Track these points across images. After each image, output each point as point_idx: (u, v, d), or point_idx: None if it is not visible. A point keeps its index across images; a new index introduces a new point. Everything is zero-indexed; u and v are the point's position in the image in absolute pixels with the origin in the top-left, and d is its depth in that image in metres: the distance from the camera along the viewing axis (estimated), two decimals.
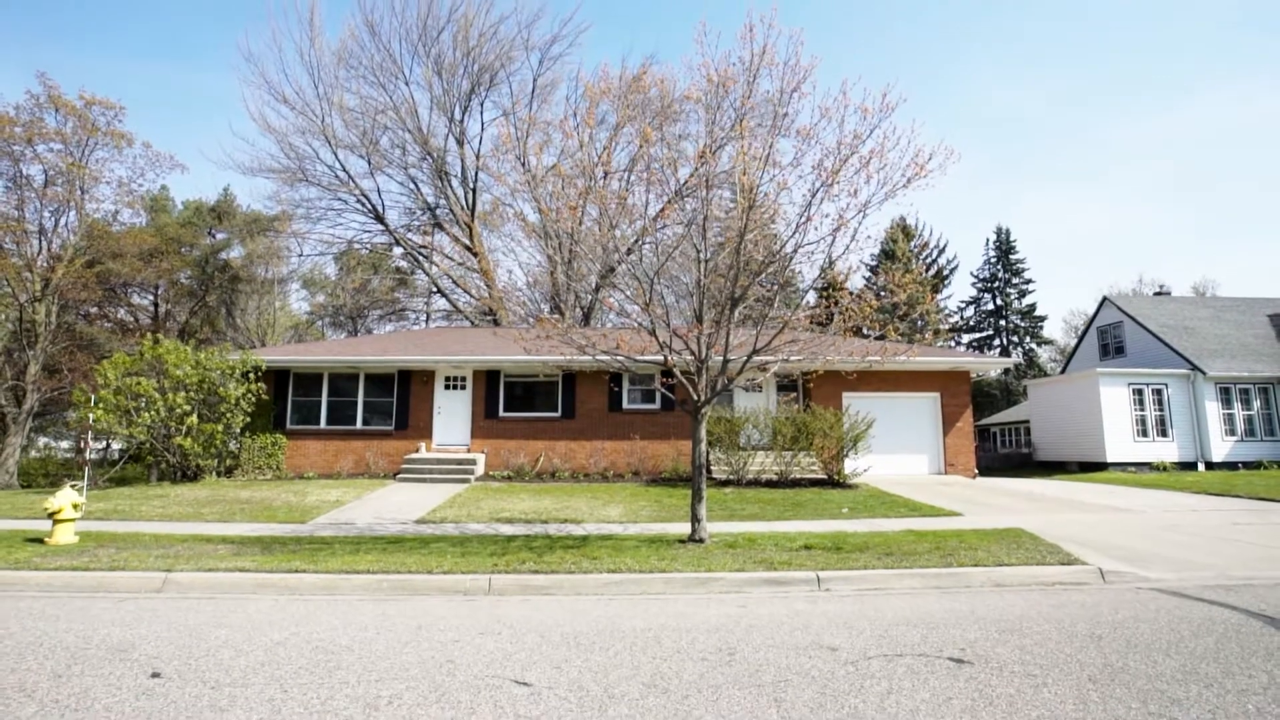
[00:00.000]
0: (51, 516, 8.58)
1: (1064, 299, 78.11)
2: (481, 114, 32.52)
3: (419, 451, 17.40)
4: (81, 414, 15.55)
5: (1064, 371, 31.48)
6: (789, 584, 6.58)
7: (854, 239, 8.19)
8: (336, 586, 6.56)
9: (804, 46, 8.27)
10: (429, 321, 37.94)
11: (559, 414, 17.83)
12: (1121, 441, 21.27)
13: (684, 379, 8.85)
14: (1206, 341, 23.76)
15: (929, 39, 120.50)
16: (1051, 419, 24.65)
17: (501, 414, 17.88)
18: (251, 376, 16.50)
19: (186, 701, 3.56)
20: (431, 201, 33.81)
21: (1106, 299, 28.30)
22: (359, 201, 32.53)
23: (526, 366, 17.39)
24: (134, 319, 34.58)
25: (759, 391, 17.68)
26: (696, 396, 8.78)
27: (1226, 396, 21.94)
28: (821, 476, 15.19)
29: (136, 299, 35.44)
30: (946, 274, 45.98)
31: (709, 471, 14.95)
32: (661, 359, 8.89)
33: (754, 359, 8.76)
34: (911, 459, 18.09)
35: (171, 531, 9.61)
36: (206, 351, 16.61)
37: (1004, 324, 48.03)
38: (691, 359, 8.87)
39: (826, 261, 8.70)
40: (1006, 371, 43.29)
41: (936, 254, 46.13)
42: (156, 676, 3.94)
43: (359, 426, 17.84)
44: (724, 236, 9.80)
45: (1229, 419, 21.82)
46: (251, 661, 4.23)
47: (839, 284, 8.72)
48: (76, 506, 8.82)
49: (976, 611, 5.49)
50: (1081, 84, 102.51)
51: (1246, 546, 8.48)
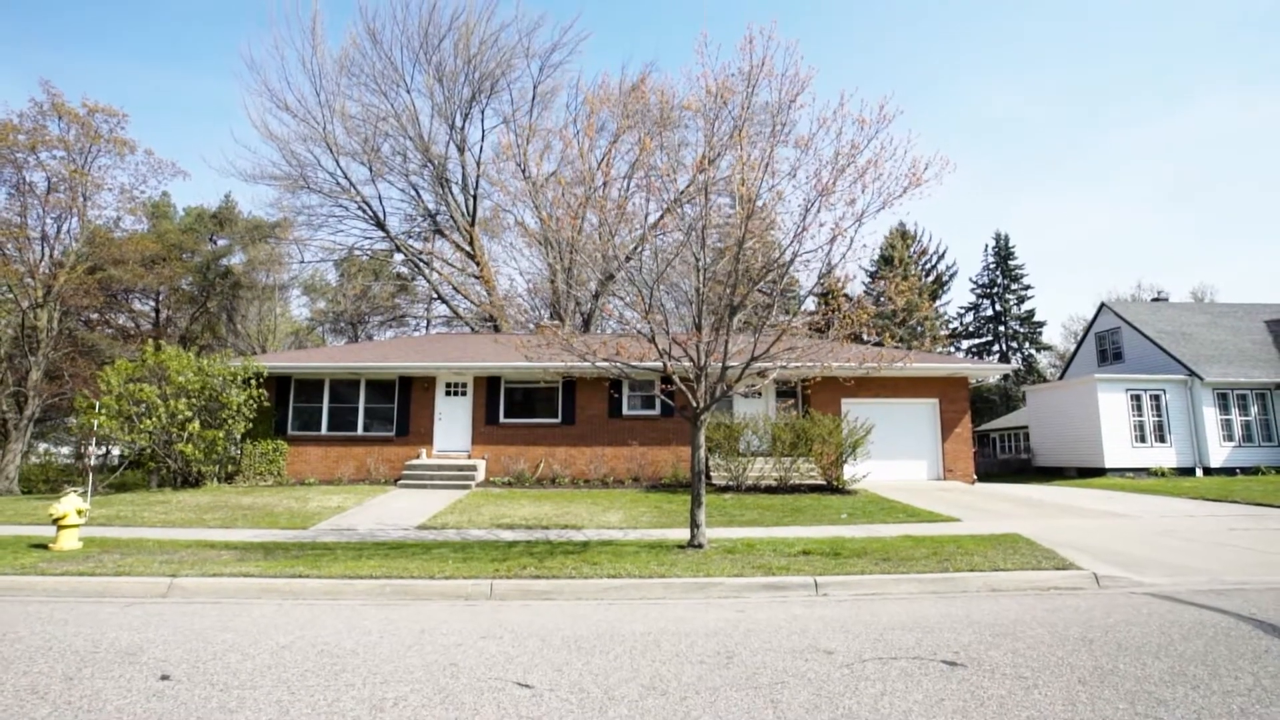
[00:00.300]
0: (56, 522, 8.65)
1: (1063, 305, 78.42)
2: (482, 121, 32.78)
3: (420, 458, 17.47)
4: (84, 420, 15.65)
5: (1062, 377, 31.56)
6: (787, 589, 6.66)
7: (851, 247, 8.32)
8: (340, 591, 6.64)
9: (803, 55, 8.44)
10: (429, 328, 38.05)
11: (559, 420, 17.91)
12: (1120, 447, 21.34)
13: (683, 386, 8.92)
14: (1204, 347, 23.85)
15: (928, 43, 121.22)
16: (1050, 425, 24.72)
17: (502, 420, 17.96)
18: (253, 383, 16.57)
19: (196, 703, 3.64)
20: (432, 208, 33.98)
21: (1104, 305, 28.39)
22: (360, 208, 32.70)
23: (527, 373, 17.48)
24: (135, 325, 34.67)
25: (758, 398, 17.76)
26: (696, 403, 8.86)
27: (1224, 402, 22.02)
28: (821, 482, 15.26)
29: (138, 305, 35.56)
30: (946, 280, 46.13)
31: (708, 477, 15.02)
32: (661, 366, 8.97)
33: (753, 366, 8.84)
34: (910, 465, 18.17)
35: (174, 537, 9.68)
36: (209, 358, 16.71)
37: (1003, 330, 48.13)
38: (690, 366, 8.95)
39: (825, 268, 8.81)
40: (1006, 377, 43.32)
41: (936, 260, 46.30)
42: (166, 679, 4.02)
43: (360, 433, 17.92)
44: (723, 243, 9.91)
45: (1227, 425, 21.89)
46: (258, 664, 4.32)
47: (838, 290, 8.83)
48: (81, 512, 8.89)
49: (971, 616, 5.57)
50: (1081, 88, 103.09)
51: (1241, 551, 8.56)
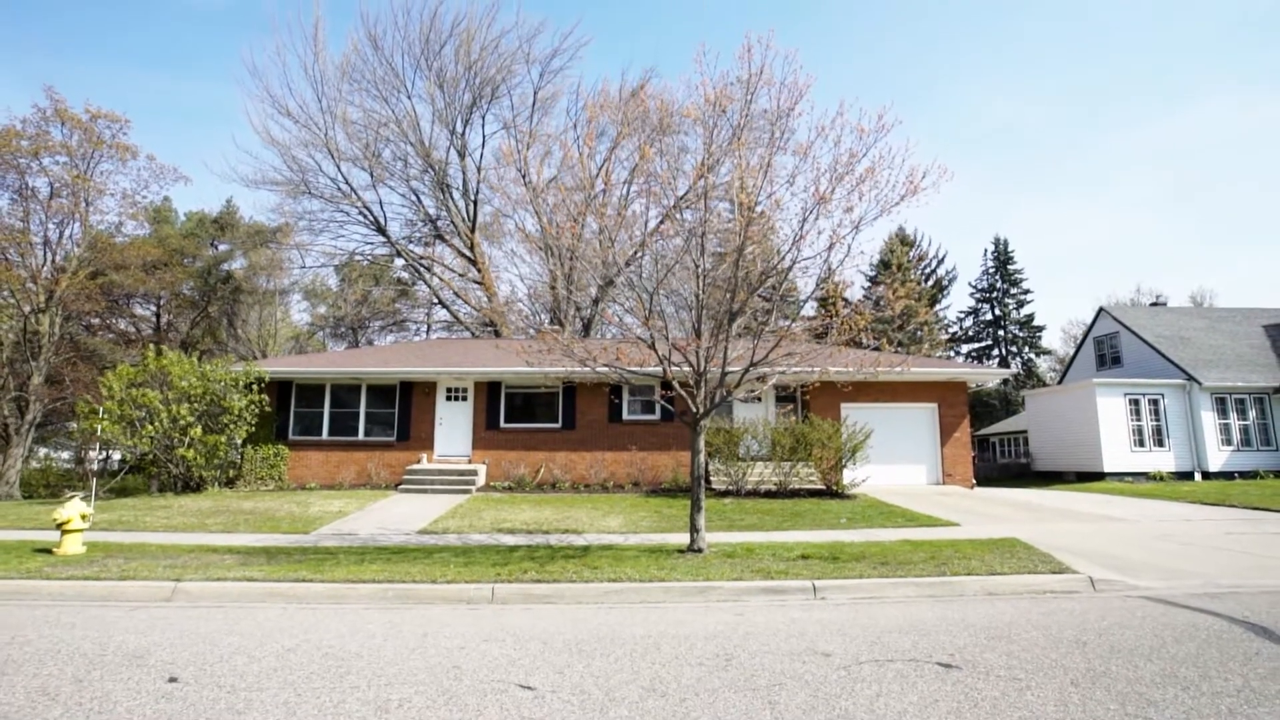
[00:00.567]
0: (60, 527, 8.71)
1: (1063, 308, 78.48)
2: (483, 127, 32.94)
3: (420, 462, 17.53)
4: (85, 425, 15.72)
5: (1061, 382, 31.65)
6: (786, 593, 6.72)
7: (849, 253, 8.41)
8: (343, 595, 6.70)
9: (802, 62, 8.56)
10: (430, 333, 38.14)
11: (559, 425, 17.97)
12: (1118, 451, 21.40)
13: (683, 391, 8.99)
14: (1202, 352, 23.94)
15: (929, 44, 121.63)
16: (1049, 429, 24.79)
17: (502, 425, 18.03)
18: (255, 388, 16.65)
19: (205, 704, 3.71)
20: (433, 213, 34.12)
21: (1103, 309, 28.49)
22: (361, 213, 32.82)
23: (527, 378, 17.55)
24: (136, 330, 34.77)
25: (758, 402, 17.84)
26: (695, 408, 8.93)
27: (1222, 406, 22.09)
28: (820, 487, 15.32)
29: (139, 310, 35.67)
30: (945, 284, 46.23)
31: (708, 482, 15.08)
32: (661, 371, 9.04)
33: (752, 371, 8.91)
34: (910, 469, 18.22)
35: (177, 542, 9.74)
36: (211, 363, 16.80)
37: (1002, 334, 48.24)
38: (690, 371, 9.03)
39: (825, 272, 8.89)
40: (1005, 382, 43.39)
41: (935, 264, 46.42)
42: (174, 681, 4.09)
43: (361, 437, 17.98)
44: (723, 249, 9.99)
45: (1225, 429, 21.96)
46: (264, 667, 4.38)
47: (837, 295, 8.91)
48: (85, 517, 8.96)
49: (967, 619, 5.64)
50: (1080, 91, 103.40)
51: (1237, 555, 8.62)
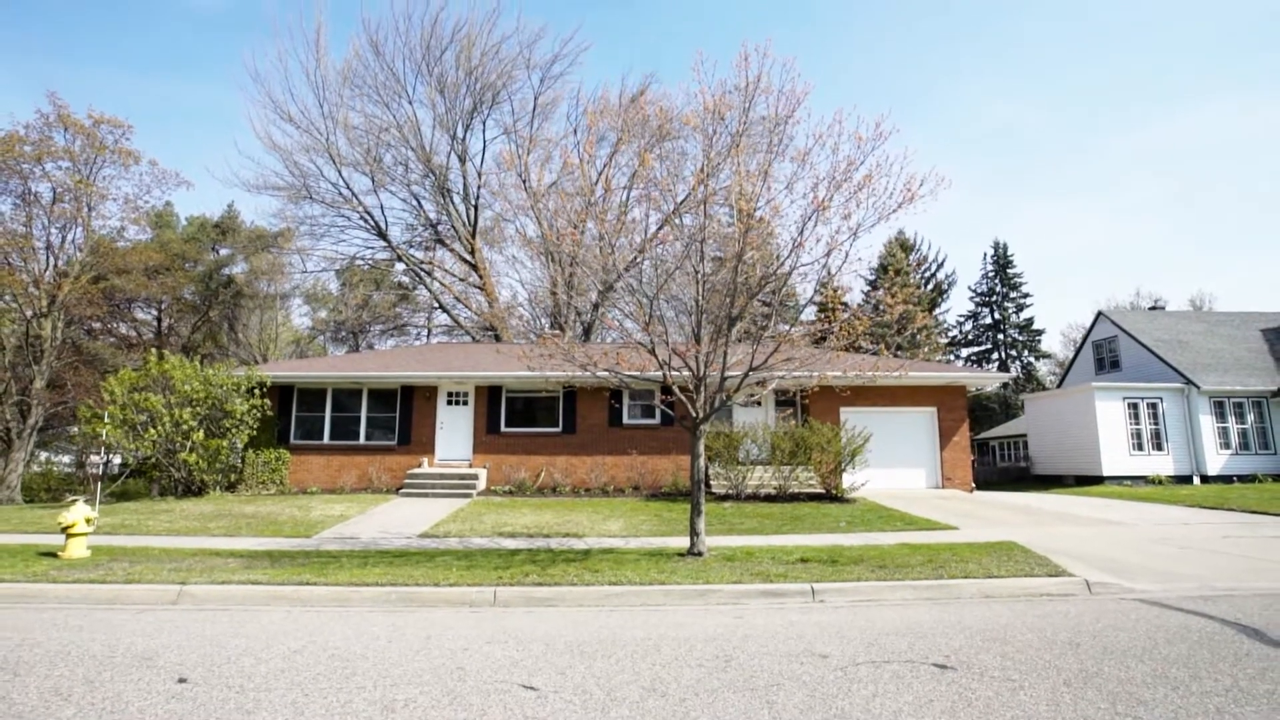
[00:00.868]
0: (65, 531, 8.79)
1: (1062, 312, 78.60)
2: (484, 131, 33.12)
3: (421, 466, 17.61)
4: (87, 429, 15.77)
5: (1061, 386, 31.72)
6: (784, 595, 6.79)
7: (847, 259, 8.50)
8: (347, 599, 6.77)
9: (800, 70, 8.66)
10: (430, 337, 38.25)
11: (560, 429, 18.05)
12: (1117, 455, 21.47)
13: (683, 396, 9.07)
14: (1200, 356, 24.03)
15: (927, 48, 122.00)
16: (1048, 433, 24.86)
17: (503, 429, 18.11)
18: (257, 392, 16.73)
19: (215, 704, 3.78)
20: (433, 218, 34.27)
21: (1101, 314, 28.60)
22: (362, 218, 32.98)
23: (528, 382, 17.64)
24: (137, 334, 34.86)
25: (757, 407, 17.90)
26: (695, 413, 9.01)
27: (1221, 410, 22.17)
28: (820, 491, 15.38)
29: (140, 314, 35.75)
30: (945, 288, 46.36)
31: (708, 486, 15.14)
32: (661, 376, 9.12)
33: (752, 375, 9.00)
34: (909, 473, 18.29)
35: (180, 546, 9.82)
36: (214, 367, 16.88)
37: (1002, 338, 48.33)
38: (690, 376, 9.11)
39: (825, 276, 8.98)
40: (1005, 385, 43.46)
41: (935, 268, 46.55)
42: (183, 682, 4.16)
43: (362, 442, 18.06)
44: (722, 253, 10.09)
45: (1223, 433, 22.03)
46: (271, 668, 4.46)
47: (836, 300, 9.00)
48: (89, 521, 9.04)
49: (964, 621, 5.71)
50: (1080, 94, 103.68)
51: (1233, 559, 8.69)
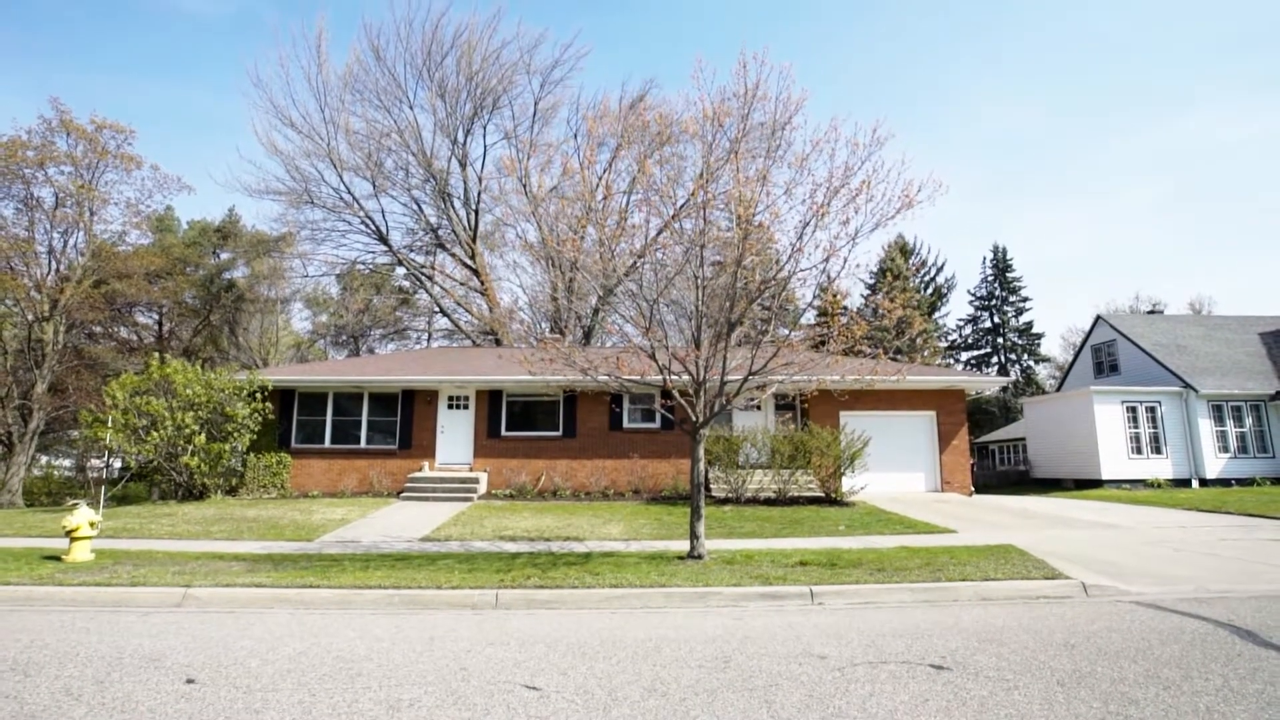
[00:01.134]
0: (69, 534, 8.85)
1: (1062, 315, 78.76)
2: (484, 136, 33.24)
3: (422, 470, 17.67)
4: (89, 433, 15.84)
5: (1060, 389, 31.77)
6: (783, 598, 6.85)
7: (845, 264, 8.58)
8: (350, 601, 6.84)
9: (796, 76, 8.76)
10: (431, 341, 38.33)
11: (560, 433, 18.12)
12: (1116, 459, 21.53)
13: (683, 400, 9.14)
14: (1199, 359, 24.10)
15: (926, 51, 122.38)
16: (1047, 437, 24.92)
17: (504, 433, 18.17)
18: (258, 396, 16.80)
19: (223, 704, 3.85)
20: (434, 222, 34.36)
21: (1100, 318, 28.68)
22: (363, 223, 33.09)
23: (528, 386, 17.71)
24: (138, 338, 34.93)
25: (757, 410, 17.97)
26: (695, 417, 9.08)
27: (1219, 414, 22.23)
28: (819, 494, 15.44)
29: (141, 318, 35.79)
30: (944, 292, 46.50)
31: (708, 490, 15.21)
32: (661, 380, 9.19)
33: (751, 380, 9.07)
34: (908, 477, 18.35)
35: (183, 549, 9.88)
36: (215, 371, 16.95)
37: (1001, 341, 48.41)
38: (690, 380, 9.18)
39: (824, 281, 9.05)
40: (1005, 389, 43.52)
41: (934, 272, 46.69)
42: (191, 682, 4.23)
43: (363, 445, 18.12)
44: (721, 258, 10.17)
45: (1222, 436, 22.09)
46: (278, 669, 4.52)
47: (835, 305, 9.07)
48: (93, 524, 9.10)
49: (961, 623, 5.78)
50: (1080, 98, 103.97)
51: (1229, 561, 8.75)
